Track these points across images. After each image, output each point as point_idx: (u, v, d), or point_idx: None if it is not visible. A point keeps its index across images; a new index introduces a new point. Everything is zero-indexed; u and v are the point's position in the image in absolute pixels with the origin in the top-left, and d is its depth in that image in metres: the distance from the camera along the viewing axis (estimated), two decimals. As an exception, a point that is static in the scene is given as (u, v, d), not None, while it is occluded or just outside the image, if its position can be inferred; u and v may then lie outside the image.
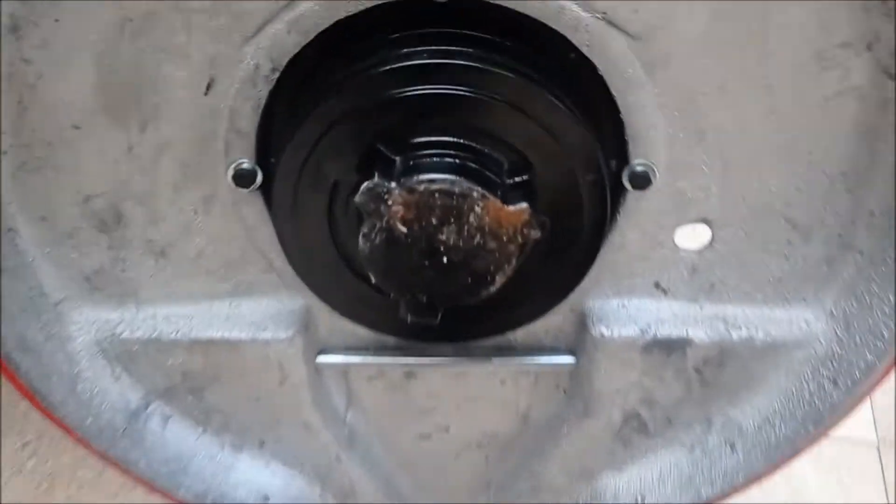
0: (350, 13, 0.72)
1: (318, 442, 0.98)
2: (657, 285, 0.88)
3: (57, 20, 0.73)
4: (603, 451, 0.97)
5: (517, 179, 0.72)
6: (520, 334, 0.94)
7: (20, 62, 0.75)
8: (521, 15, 0.71)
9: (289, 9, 0.72)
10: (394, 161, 0.70)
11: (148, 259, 0.88)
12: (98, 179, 0.82)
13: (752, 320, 0.88)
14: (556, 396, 0.99)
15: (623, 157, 0.80)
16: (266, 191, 0.82)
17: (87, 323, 0.90)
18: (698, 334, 0.87)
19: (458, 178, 0.69)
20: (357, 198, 0.69)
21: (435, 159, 0.70)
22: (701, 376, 0.90)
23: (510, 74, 0.69)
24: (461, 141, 0.71)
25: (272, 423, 0.97)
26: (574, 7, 0.71)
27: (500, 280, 0.73)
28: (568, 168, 0.72)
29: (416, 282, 0.74)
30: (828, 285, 0.86)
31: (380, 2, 0.71)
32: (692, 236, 0.86)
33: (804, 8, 0.70)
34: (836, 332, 0.86)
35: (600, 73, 0.75)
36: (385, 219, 0.70)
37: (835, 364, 0.86)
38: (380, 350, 0.95)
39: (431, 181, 0.68)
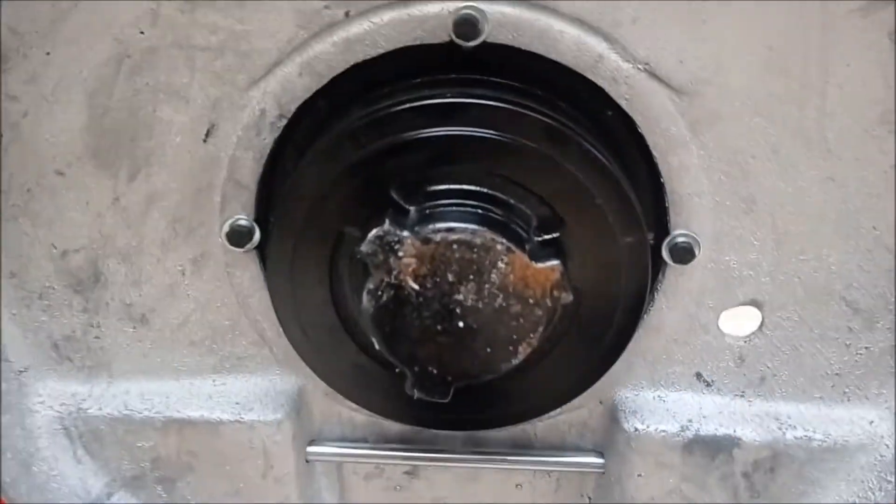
0: (369, 56, 0.67)
1: (304, 548, 0.86)
2: (699, 376, 0.79)
3: (48, 53, 0.68)
4: (634, 571, 0.85)
5: (546, 237, 0.64)
6: (540, 429, 0.84)
7: (5, 98, 0.70)
8: (556, 64, 0.66)
9: (302, 50, 0.67)
10: (408, 211, 0.63)
11: (126, 326, 0.79)
12: (78, 232, 0.76)
13: (807, 419, 0.78)
14: (579, 505, 0.88)
15: (663, 228, 0.73)
16: (263, 251, 0.74)
17: (52, 396, 0.81)
18: (747, 433, 0.78)
19: (480, 227, 0.61)
20: (364, 247, 0.62)
21: (454, 209, 0.62)
22: (750, 483, 0.79)
23: (542, 118, 0.62)
24: (484, 191, 0.63)
25: (252, 522, 0.86)
26: (613, 56, 0.66)
27: (523, 352, 0.65)
28: (604, 227, 0.65)
29: (427, 350, 0.65)
30: (892, 380, 0.76)
31: (402, 45, 0.66)
32: (740, 321, 0.78)
33: (866, 63, 0.65)
34: (905, 435, 0.76)
35: (640, 130, 0.69)
36: (395, 273, 0.62)
37: (906, 471, 0.75)
38: (379, 443, 0.85)
39: (450, 230, 0.61)
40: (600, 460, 0.83)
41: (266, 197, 0.73)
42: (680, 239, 0.73)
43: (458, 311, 0.64)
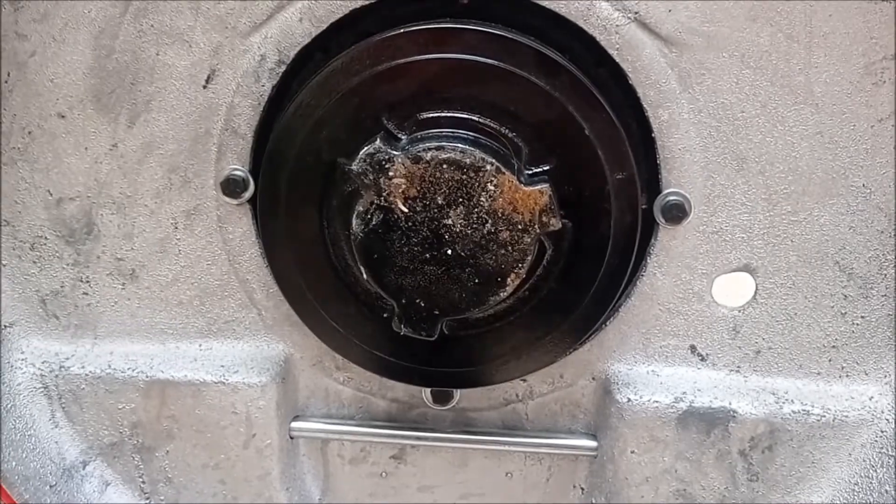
0: (369, 2, 0.69)
1: (283, 531, 0.82)
2: (693, 349, 0.77)
3: None
4: (628, 564, 0.80)
5: (536, 169, 0.64)
6: (532, 409, 0.81)
7: (14, 37, 0.71)
8: (550, 12, 0.68)
9: None
10: (400, 139, 0.63)
11: (115, 282, 0.78)
12: (75, 179, 0.75)
13: (805, 395, 0.75)
14: (571, 497, 0.84)
15: (655, 188, 0.73)
16: (256, 204, 0.74)
17: (34, 354, 0.79)
18: (743, 406, 0.75)
19: (470, 147, 0.61)
20: (354, 165, 0.62)
21: (446, 134, 0.63)
22: (748, 463, 0.76)
23: (536, 47, 0.63)
24: (476, 118, 0.64)
25: (230, 500, 0.82)
26: (604, 5, 0.67)
27: (511, 284, 0.63)
28: (594, 161, 0.65)
29: (414, 281, 0.64)
30: (892, 353, 0.74)
31: (400, -7, 0.68)
32: (734, 289, 0.76)
33: (849, 14, 0.66)
34: (907, 406, 0.73)
35: (631, 83, 0.70)
36: (384, 194, 0.62)
37: (909, 442, 0.72)
38: (366, 420, 0.82)
39: (439, 148, 0.61)
40: (593, 443, 0.80)
41: (263, 148, 0.74)
42: (671, 198, 0.72)
43: (446, 237, 0.62)
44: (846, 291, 0.74)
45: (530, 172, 0.64)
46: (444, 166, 0.61)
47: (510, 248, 0.63)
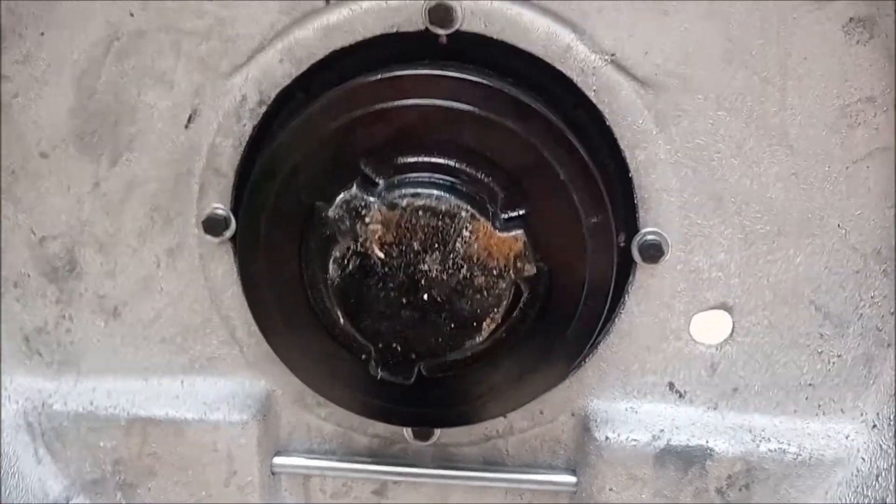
0: (347, 43, 0.70)
1: (263, 567, 0.82)
2: (671, 387, 0.77)
3: (42, 33, 0.70)
4: None
5: (512, 214, 0.65)
6: (512, 445, 0.81)
7: (-2, 79, 0.72)
8: (528, 55, 0.68)
9: (283, 36, 0.69)
10: (377, 184, 0.64)
11: (97, 319, 0.78)
12: (58, 218, 0.75)
13: (781, 432, 0.75)
14: (552, 532, 0.84)
15: (633, 227, 0.73)
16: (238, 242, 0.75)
17: (18, 391, 0.79)
18: (720, 444, 0.75)
19: (446, 194, 0.62)
20: (331, 211, 0.62)
21: (422, 180, 0.63)
22: (725, 501, 0.75)
23: (512, 94, 0.64)
24: (452, 164, 0.65)
25: (212, 536, 0.82)
26: (581, 47, 0.68)
27: (487, 328, 0.64)
28: (569, 206, 0.65)
29: (391, 325, 0.64)
30: (868, 391, 0.74)
31: (379, 33, 0.69)
32: (711, 327, 0.77)
33: (823, 56, 0.66)
34: (880, 445, 0.73)
35: (608, 123, 0.70)
36: (361, 240, 0.62)
37: (881, 481, 0.72)
38: (347, 455, 0.82)
39: (415, 195, 0.61)
40: (573, 479, 0.80)
41: (244, 187, 0.75)
42: (649, 237, 0.73)
43: (423, 282, 0.62)
44: (822, 330, 0.74)
45: (506, 217, 0.64)
46: (420, 213, 0.61)
47: (485, 293, 0.63)
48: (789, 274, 0.73)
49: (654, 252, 0.73)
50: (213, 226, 0.74)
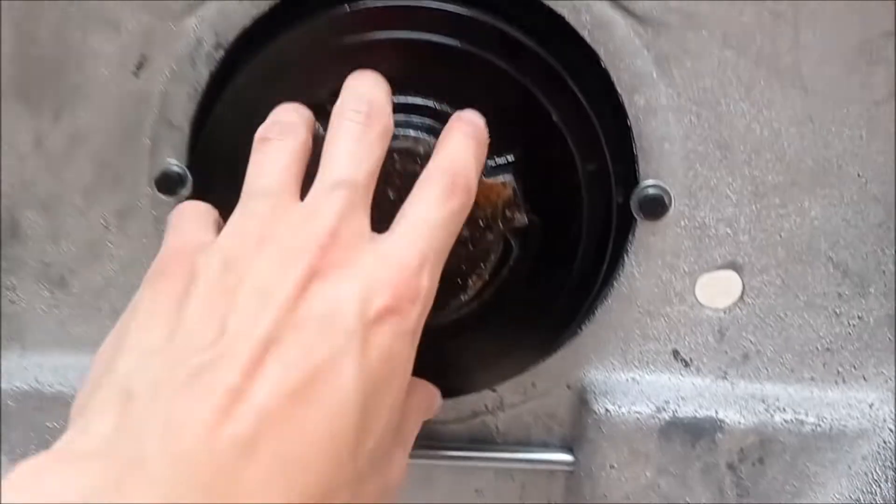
0: (313, -22, 0.64)
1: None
2: (676, 354, 0.72)
3: None
4: (608, 589, 0.75)
5: (500, 160, 0.59)
6: (503, 421, 0.77)
7: (-75, 24, 0.66)
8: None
9: None
10: (347, 129, 0.58)
11: (42, 289, 0.74)
12: (-3, 178, 0.70)
13: (798, 402, 0.72)
14: (547, 516, 0.79)
15: (632, 180, 0.68)
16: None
17: (-43, 369, 0.73)
18: (731, 415, 0.71)
19: (423, 135, 0.55)
20: None
21: (398, 121, 0.57)
22: (737, 478, 0.71)
23: (499, 26, 0.58)
24: (432, 104, 0.58)
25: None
26: (572, -21, 0.62)
27: (473, 286, 0.59)
28: (563, 151, 0.60)
29: (367, 286, 0.58)
30: (892, 356, 0.71)
31: (348, -33, 0.63)
32: (718, 289, 0.72)
33: (839, -12, 0.62)
34: (908, 415, 0.68)
35: (604, 65, 0.65)
36: (329, 192, 0.56)
37: (912, 454, 0.67)
38: (324, 436, 0.76)
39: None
40: (569, 457, 0.76)
41: (200, 140, 0.68)
42: (650, 190, 0.68)
43: None
44: (841, 290, 0.69)
45: (493, 164, 0.59)
46: (395, 156, 0.56)
47: (471, 246, 0.58)
48: (804, 228, 0.68)
49: (655, 207, 0.68)
50: (166, 184, 0.69)
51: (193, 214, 0.56)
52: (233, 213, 0.51)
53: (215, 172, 0.66)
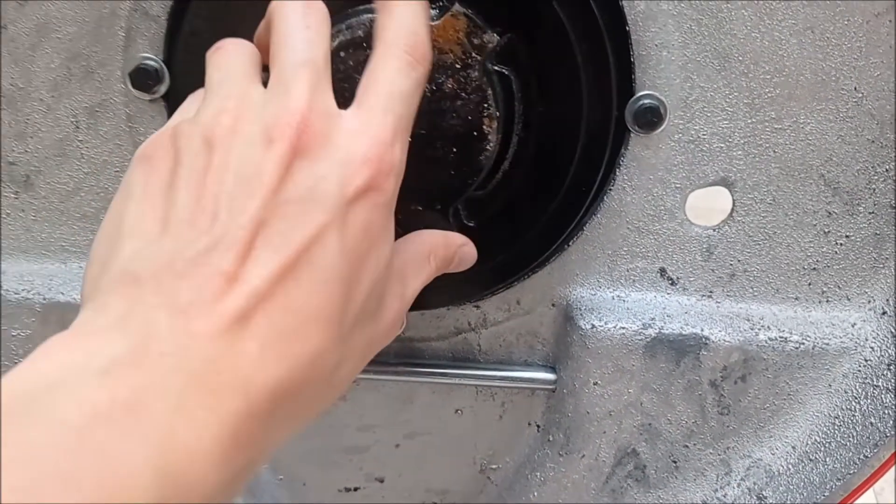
0: None
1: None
2: (663, 273, 0.71)
3: None
4: (587, 506, 0.75)
5: (443, 2, 0.57)
6: (485, 339, 0.75)
7: None
8: None
9: None
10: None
11: (6, 191, 0.70)
12: (-44, 68, 0.66)
13: (782, 321, 0.71)
14: (526, 436, 0.78)
15: (628, 90, 0.66)
16: (172, 100, 0.65)
17: (-88, 274, 0.69)
18: (716, 332, 0.70)
19: (354, 20, 0.54)
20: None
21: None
22: (719, 395, 0.71)
23: None
24: None
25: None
26: None
27: (491, 130, 0.57)
28: (564, 44, 0.58)
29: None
30: (877, 277, 0.71)
31: None
32: (709, 206, 0.71)
33: None
34: (892, 332, 0.69)
35: (602, -35, 0.63)
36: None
37: (894, 370, 0.68)
38: (301, 352, 0.74)
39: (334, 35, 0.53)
40: (552, 376, 0.74)
41: (178, 32, 0.65)
42: (646, 101, 0.66)
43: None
44: (830, 208, 0.69)
45: (439, 5, 0.57)
46: (343, 54, 0.54)
47: (464, 94, 0.56)
48: (798, 144, 0.67)
49: (651, 117, 0.66)
50: (141, 79, 0.65)
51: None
52: (203, 98, 0.50)
53: (195, 68, 0.63)
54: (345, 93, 0.51)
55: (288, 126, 0.45)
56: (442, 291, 0.69)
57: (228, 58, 0.51)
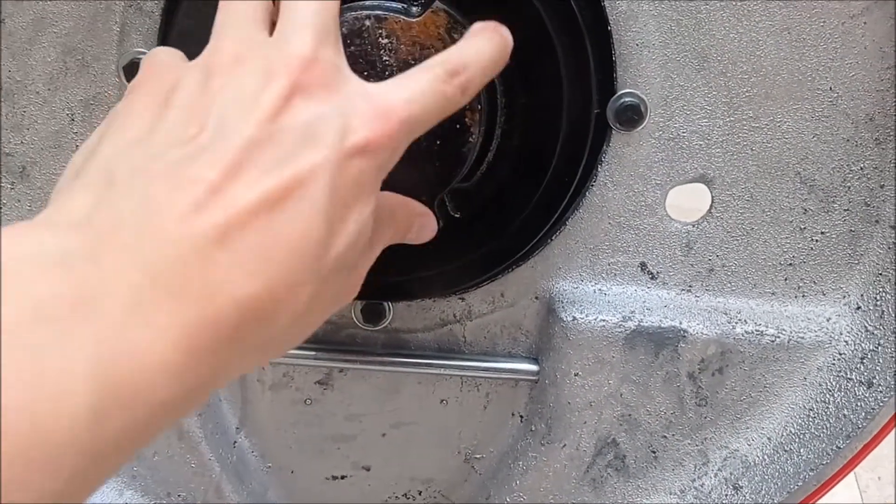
0: None
1: (194, 461, 0.76)
2: (643, 267, 0.73)
3: None
4: (567, 495, 0.77)
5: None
6: (470, 330, 0.77)
7: None
8: None
9: None
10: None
11: (3, 181, 0.71)
12: (-46, 61, 0.67)
13: (759, 315, 0.72)
14: (510, 426, 0.80)
15: (609, 88, 0.68)
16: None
17: None
18: (694, 326, 0.71)
19: (342, 15, 0.55)
20: None
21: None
22: (697, 387, 0.73)
23: None
24: None
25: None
26: None
27: (473, 123, 0.58)
28: (546, 43, 0.59)
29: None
30: (852, 273, 0.72)
31: None
32: (688, 202, 0.73)
33: None
34: (865, 327, 0.70)
35: (585, -35, 0.64)
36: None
37: (867, 363, 0.70)
38: (290, 341, 0.76)
39: None
40: (535, 367, 0.76)
41: (172, 27, 0.67)
42: (627, 99, 0.68)
43: None
44: (806, 205, 0.70)
45: (418, 3, 0.58)
46: (355, 41, 0.55)
47: None
48: (775, 142, 0.69)
49: (632, 115, 0.68)
50: (135, 73, 0.64)
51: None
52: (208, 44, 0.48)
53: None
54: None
55: (289, 65, 0.43)
56: (428, 283, 0.71)
57: (238, 3, 0.49)
